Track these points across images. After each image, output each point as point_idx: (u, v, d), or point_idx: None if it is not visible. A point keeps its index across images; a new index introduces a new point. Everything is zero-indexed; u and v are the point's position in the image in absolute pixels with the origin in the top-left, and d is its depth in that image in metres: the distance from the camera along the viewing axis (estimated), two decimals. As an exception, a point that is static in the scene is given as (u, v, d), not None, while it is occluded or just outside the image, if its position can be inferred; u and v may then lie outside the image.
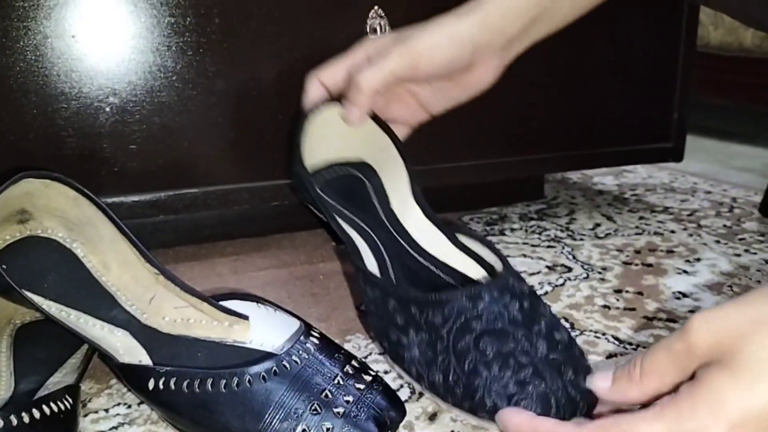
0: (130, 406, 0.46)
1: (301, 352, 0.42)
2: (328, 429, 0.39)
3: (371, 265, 0.52)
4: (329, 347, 0.43)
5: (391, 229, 0.56)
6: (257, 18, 0.65)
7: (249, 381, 0.40)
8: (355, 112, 0.53)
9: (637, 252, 0.74)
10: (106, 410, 0.46)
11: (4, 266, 0.48)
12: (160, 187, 0.66)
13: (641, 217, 0.87)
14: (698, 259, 0.72)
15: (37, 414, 0.36)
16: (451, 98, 0.58)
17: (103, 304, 0.50)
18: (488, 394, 0.39)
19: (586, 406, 0.40)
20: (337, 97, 0.57)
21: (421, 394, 0.46)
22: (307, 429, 0.39)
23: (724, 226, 0.83)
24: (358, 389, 0.41)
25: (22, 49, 0.58)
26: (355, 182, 0.60)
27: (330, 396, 0.40)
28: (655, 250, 0.75)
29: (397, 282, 0.52)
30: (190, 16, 0.63)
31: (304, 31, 0.67)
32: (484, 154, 0.79)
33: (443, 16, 0.55)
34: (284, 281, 0.67)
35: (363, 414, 0.40)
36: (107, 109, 0.62)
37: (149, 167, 0.65)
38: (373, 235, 0.56)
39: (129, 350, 0.47)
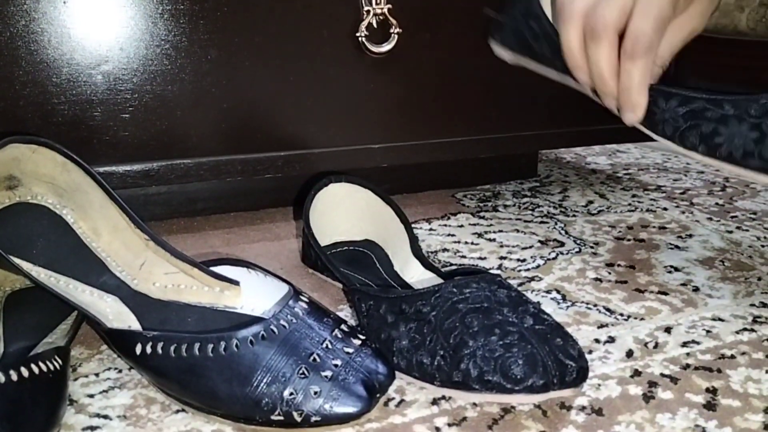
0: (120, 371, 0.46)
1: (289, 316, 0.42)
2: (315, 392, 0.39)
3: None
4: (318, 311, 0.43)
5: (393, 283, 0.57)
6: (251, -13, 0.64)
7: (236, 345, 0.40)
8: (644, 64, 0.50)
9: (630, 228, 0.74)
10: (97, 375, 0.46)
11: (-8, 232, 0.48)
12: (153, 157, 0.66)
13: (634, 195, 0.87)
14: (690, 235, 0.72)
15: (25, 372, 0.36)
16: (671, 43, 0.54)
17: (92, 270, 0.49)
18: (474, 361, 0.39)
19: (576, 371, 0.40)
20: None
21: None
22: (294, 392, 0.39)
23: (717, 204, 0.83)
24: (347, 353, 0.41)
25: (12, 14, 0.58)
26: (359, 254, 0.62)
27: (318, 360, 0.40)
28: (648, 227, 0.75)
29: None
30: (182, -17, 0.62)
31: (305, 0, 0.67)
32: (476, 130, 0.78)
33: None
34: (276, 253, 0.67)
35: (351, 377, 0.40)
36: (99, 77, 0.62)
37: (142, 136, 0.64)
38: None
39: (118, 316, 0.46)
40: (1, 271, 0.52)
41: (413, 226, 0.73)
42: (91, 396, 0.43)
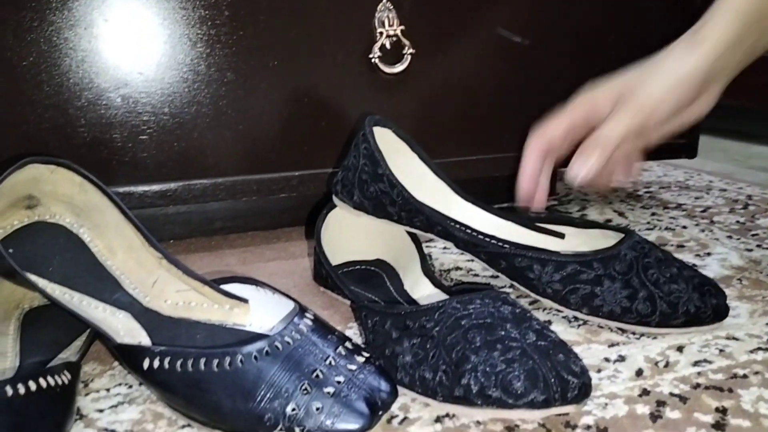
0: (131, 386, 0.47)
1: (293, 332, 0.42)
2: (317, 408, 0.39)
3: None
4: (323, 329, 0.44)
5: (401, 302, 0.58)
6: (266, 10, 0.66)
7: (241, 360, 0.40)
8: (593, 166, 0.53)
9: (647, 247, 0.73)
10: (107, 390, 0.47)
11: (10, 250, 0.50)
12: (170, 178, 0.67)
13: (653, 213, 0.86)
14: (708, 254, 0.71)
15: (33, 386, 0.37)
16: (668, 131, 0.56)
17: (106, 287, 0.51)
18: (475, 377, 0.39)
19: (578, 388, 0.39)
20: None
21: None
22: (297, 408, 0.39)
23: (738, 222, 0.82)
24: (350, 370, 0.41)
25: (35, 40, 0.60)
26: (371, 273, 0.63)
27: (321, 376, 0.40)
28: (666, 245, 0.74)
29: None
30: (200, 8, 0.64)
31: (313, 23, 0.68)
32: (491, 149, 0.79)
33: (660, 55, 0.54)
34: (290, 271, 0.68)
35: (354, 394, 0.40)
36: (118, 100, 0.64)
37: (159, 158, 0.66)
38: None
39: (129, 332, 0.47)
40: (21, 288, 0.54)
41: (427, 244, 0.74)
42: (101, 411, 0.44)
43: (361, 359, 0.42)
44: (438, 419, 0.42)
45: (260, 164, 0.70)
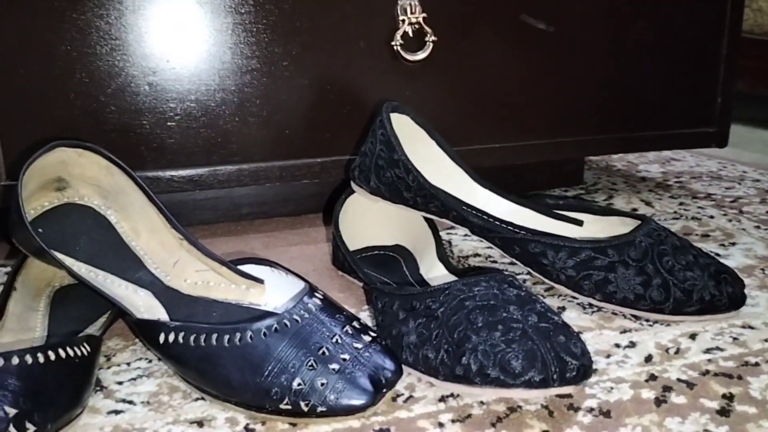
0: (150, 361, 0.49)
1: (302, 311, 0.43)
2: (322, 384, 0.40)
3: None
4: (331, 308, 0.45)
5: (415, 285, 0.58)
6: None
7: (250, 337, 0.42)
8: None
9: (671, 236, 0.73)
10: (128, 364, 0.49)
11: (40, 230, 0.52)
12: (197, 164, 0.69)
13: (681, 203, 0.85)
14: (733, 243, 0.70)
15: (52, 356, 0.39)
16: None
17: (130, 266, 0.53)
18: (475, 356, 0.40)
19: (577, 369, 0.40)
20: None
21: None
22: (302, 383, 0.40)
23: (768, 212, 0.80)
24: (356, 348, 0.42)
25: (66, 30, 0.62)
26: (389, 258, 0.64)
27: (327, 353, 0.41)
28: (690, 234, 0.73)
29: None
30: (224, -2, 0.65)
31: (336, 11, 0.69)
32: (515, 137, 0.79)
33: None
34: (311, 256, 0.69)
35: (358, 371, 0.41)
36: (146, 87, 0.66)
37: (186, 144, 0.68)
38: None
39: (149, 309, 0.49)
40: (51, 268, 0.56)
41: (448, 231, 0.74)
42: (120, 383, 0.46)
43: (367, 338, 0.44)
44: (442, 398, 0.43)
45: (284, 151, 0.71)
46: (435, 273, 0.58)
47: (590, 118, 0.81)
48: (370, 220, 0.65)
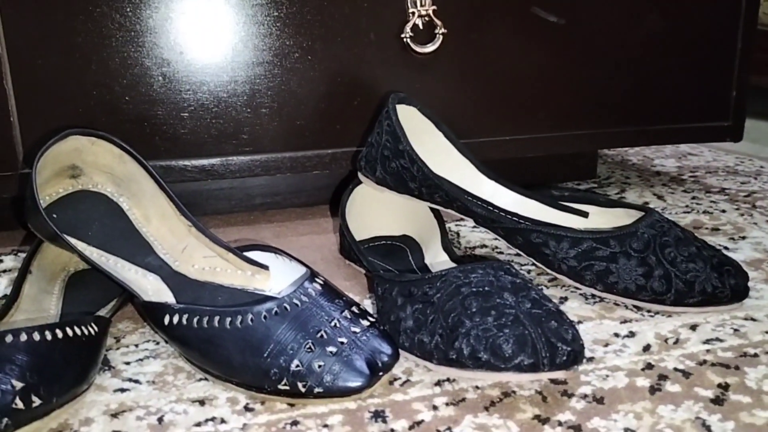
0: (158, 343, 0.51)
1: (302, 295, 0.45)
2: (319, 366, 0.41)
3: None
4: (331, 293, 0.46)
5: (419, 273, 0.59)
6: (300, -8, 0.68)
7: (251, 319, 0.43)
8: None
9: (680, 229, 0.73)
10: (136, 345, 0.50)
11: (54, 215, 0.54)
12: (209, 154, 0.70)
13: (694, 197, 0.84)
14: (743, 237, 0.70)
15: (60, 334, 0.41)
16: None
17: (140, 251, 0.54)
18: (467, 340, 0.41)
19: (567, 354, 0.40)
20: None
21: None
22: (300, 365, 0.41)
23: (782, 207, 0.80)
24: (354, 332, 0.43)
25: (84, 22, 0.64)
26: (396, 248, 0.65)
27: (325, 336, 0.42)
28: (700, 228, 0.73)
29: None
30: (236, -9, 0.67)
31: (346, 3, 0.70)
32: (525, 129, 0.79)
33: None
34: (320, 245, 0.70)
35: (355, 354, 0.42)
36: (160, 78, 0.67)
37: (198, 133, 0.69)
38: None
39: (157, 292, 0.51)
40: (66, 253, 0.58)
41: (458, 222, 0.75)
42: (128, 363, 0.48)
43: (365, 323, 0.44)
44: (438, 383, 0.44)
45: (294, 142, 0.72)
46: (440, 263, 0.59)
47: (601, 112, 0.81)
48: (377, 211, 0.66)
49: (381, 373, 0.42)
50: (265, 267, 0.52)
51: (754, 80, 1.34)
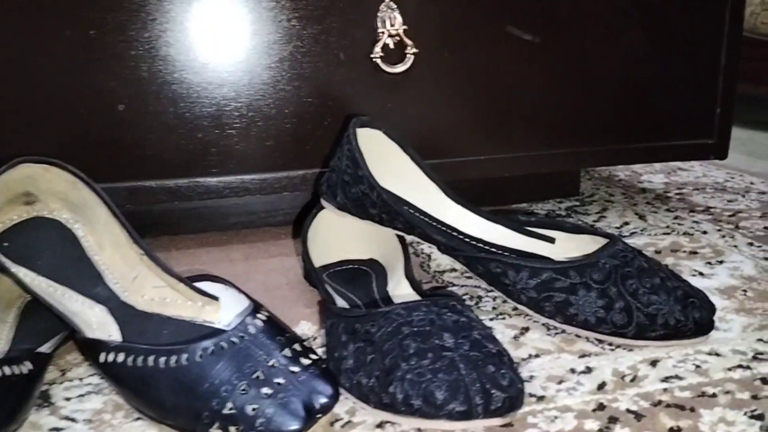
0: (102, 377, 0.50)
1: (241, 333, 0.43)
2: (253, 409, 0.40)
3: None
4: (273, 329, 0.45)
5: (380, 302, 0.57)
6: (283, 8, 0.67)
7: (186, 358, 0.42)
8: None
9: (657, 252, 0.71)
10: (81, 379, 0.50)
11: (5, 244, 0.53)
12: (177, 175, 0.70)
13: (676, 217, 0.83)
14: (721, 262, 0.68)
15: (-13, 375, 0.40)
16: None
17: (89, 281, 0.53)
18: (401, 385, 0.40)
19: (502, 401, 0.39)
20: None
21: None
22: (234, 408, 0.40)
23: (765, 228, 0.78)
24: (292, 372, 0.42)
25: (49, 45, 0.63)
26: (361, 272, 0.63)
27: (261, 377, 0.41)
28: (677, 251, 0.71)
29: None
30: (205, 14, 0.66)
31: (315, 22, 0.69)
32: (500, 149, 0.77)
33: None
34: (288, 269, 0.69)
35: (291, 396, 0.41)
36: (126, 99, 0.66)
37: (165, 155, 0.68)
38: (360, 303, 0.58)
39: (102, 325, 0.50)
40: (22, 279, 0.57)
41: (431, 245, 0.73)
42: (68, 399, 0.47)
43: (306, 361, 0.43)
44: (380, 425, 0.42)
45: (263, 162, 0.71)
46: (400, 291, 0.57)
47: (581, 130, 0.80)
48: (344, 234, 0.65)
49: (319, 415, 0.41)
50: (215, 298, 0.51)
51: (750, 90, 1.32)
